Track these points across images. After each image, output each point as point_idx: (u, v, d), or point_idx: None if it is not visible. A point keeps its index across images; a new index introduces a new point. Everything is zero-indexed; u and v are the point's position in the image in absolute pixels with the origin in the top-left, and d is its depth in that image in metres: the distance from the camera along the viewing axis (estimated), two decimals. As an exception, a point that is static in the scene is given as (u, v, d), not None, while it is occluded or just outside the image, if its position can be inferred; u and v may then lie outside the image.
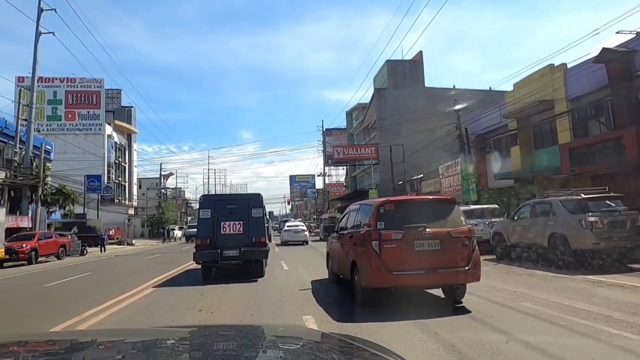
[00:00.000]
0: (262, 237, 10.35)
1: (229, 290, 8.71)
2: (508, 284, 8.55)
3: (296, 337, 1.82)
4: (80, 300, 8.56)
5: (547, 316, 5.69)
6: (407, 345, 4.51)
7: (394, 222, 6.30)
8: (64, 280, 12.30)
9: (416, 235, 6.15)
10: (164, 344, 1.64)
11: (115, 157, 56.93)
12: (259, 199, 10.83)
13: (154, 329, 3.00)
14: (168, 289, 9.48)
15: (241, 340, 1.69)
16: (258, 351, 1.57)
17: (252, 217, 10.34)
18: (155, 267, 15.33)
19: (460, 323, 5.39)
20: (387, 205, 6.59)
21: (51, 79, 53.16)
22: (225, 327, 2.73)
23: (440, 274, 6.13)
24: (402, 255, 6.12)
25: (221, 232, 10.15)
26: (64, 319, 6.66)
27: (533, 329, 5.10)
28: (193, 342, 1.70)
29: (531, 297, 7.02)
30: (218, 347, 1.58)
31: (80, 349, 1.58)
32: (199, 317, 6.33)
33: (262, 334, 1.97)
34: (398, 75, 41.33)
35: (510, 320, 5.54)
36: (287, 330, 2.44)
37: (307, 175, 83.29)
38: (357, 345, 1.58)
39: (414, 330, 5.10)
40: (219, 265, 10.28)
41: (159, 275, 12.03)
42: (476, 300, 6.75)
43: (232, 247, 9.99)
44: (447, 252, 6.18)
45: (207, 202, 10.90)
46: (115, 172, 57.14)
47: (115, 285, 10.49)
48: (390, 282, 6.20)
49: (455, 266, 6.15)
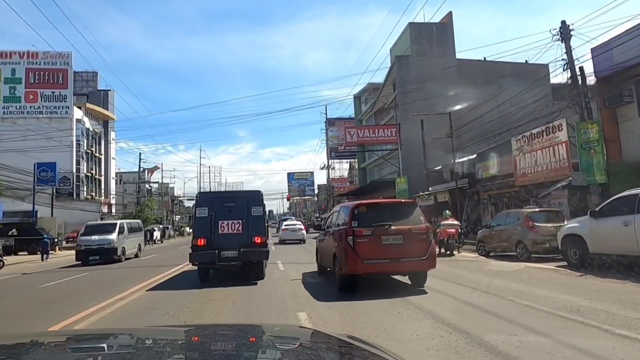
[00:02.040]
0: (263, 237, 9.90)
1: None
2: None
3: (295, 337, 1.85)
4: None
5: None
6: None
7: (366, 221, 7.78)
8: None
9: (383, 231, 7.64)
10: (162, 344, 1.66)
11: (87, 145, 49.16)
12: (259, 196, 10.43)
13: (152, 329, 2.93)
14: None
15: (240, 339, 1.73)
16: (257, 351, 1.59)
17: (251, 215, 9.93)
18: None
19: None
20: (360, 207, 8.13)
21: (9, 53, 45.34)
22: (224, 327, 2.83)
23: (402, 263, 7.67)
24: (372, 248, 7.57)
25: (219, 232, 9.74)
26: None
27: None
28: (191, 342, 1.71)
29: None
30: (217, 347, 1.58)
31: (80, 349, 1.59)
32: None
33: (261, 334, 2.00)
34: (423, 41, 33.75)
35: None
36: (286, 329, 2.47)
37: (306, 172, 79.10)
38: (356, 345, 1.58)
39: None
40: (217, 266, 9.90)
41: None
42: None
43: (231, 247, 9.58)
44: (409, 245, 7.64)
45: (204, 199, 10.42)
46: (87, 164, 49.36)
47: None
48: (362, 269, 7.68)
49: (415, 256, 7.62)
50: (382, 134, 33.26)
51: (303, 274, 10.54)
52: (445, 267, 10.46)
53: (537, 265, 10.85)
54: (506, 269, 10.59)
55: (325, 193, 60.91)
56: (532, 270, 10.18)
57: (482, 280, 8.83)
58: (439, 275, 8.85)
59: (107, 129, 55.46)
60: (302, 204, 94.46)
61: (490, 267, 11.20)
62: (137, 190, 46.41)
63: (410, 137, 32.59)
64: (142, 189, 48.13)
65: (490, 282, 8.55)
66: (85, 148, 48.61)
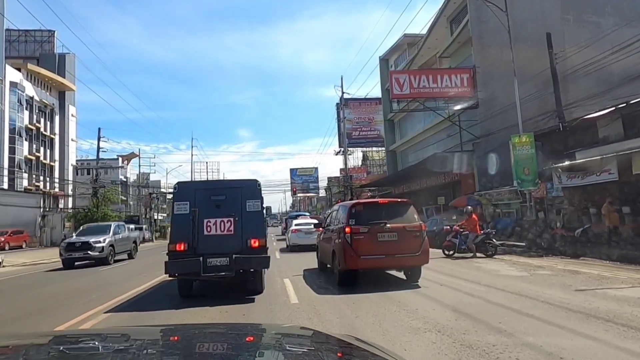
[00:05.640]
0: (261, 239, 7.92)
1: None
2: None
3: (295, 337, 1.84)
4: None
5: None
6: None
7: (363, 219, 8.10)
8: None
9: (379, 229, 7.93)
10: (162, 343, 1.66)
11: (30, 119, 37.25)
12: (255, 186, 8.22)
13: (152, 328, 2.75)
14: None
15: (240, 339, 1.70)
16: (257, 351, 1.57)
17: (246, 211, 7.93)
18: None
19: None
20: (357, 206, 8.56)
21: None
22: (224, 326, 2.73)
23: (397, 258, 7.97)
24: (368, 245, 7.86)
25: (204, 233, 7.78)
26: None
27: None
28: (192, 341, 1.66)
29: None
30: (217, 347, 1.58)
31: (81, 348, 1.56)
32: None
33: (261, 334, 1.97)
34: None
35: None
36: (286, 329, 2.41)
37: (310, 169, 72.14)
38: (356, 346, 1.58)
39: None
40: (202, 278, 7.83)
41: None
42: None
43: (220, 253, 7.61)
44: (403, 241, 7.89)
45: (185, 191, 8.13)
46: (30, 143, 37.46)
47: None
48: (359, 265, 7.93)
49: (409, 252, 7.88)
50: (447, 83, 21.34)
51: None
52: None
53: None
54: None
55: (340, 185, 49.66)
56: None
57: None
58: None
59: (63, 102, 43.54)
60: (307, 201, 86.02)
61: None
62: (93, 179, 34.44)
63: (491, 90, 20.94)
64: (100, 177, 36.07)
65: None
66: (27, 122, 36.73)
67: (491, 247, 11.89)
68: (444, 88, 21.29)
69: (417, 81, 21.30)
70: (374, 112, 51.53)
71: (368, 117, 52.76)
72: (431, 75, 21.56)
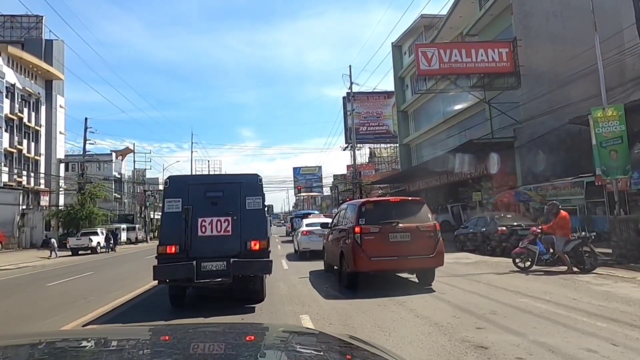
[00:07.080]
0: (263, 241, 7.21)
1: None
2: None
3: (297, 337, 1.81)
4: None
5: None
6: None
7: (373, 218, 7.66)
8: None
9: (390, 229, 7.50)
10: (162, 342, 1.63)
11: (11, 109, 34.16)
12: (256, 182, 7.46)
13: (152, 327, 2.71)
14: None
15: (241, 339, 1.67)
16: (257, 350, 1.55)
17: (246, 209, 7.24)
18: None
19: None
20: (367, 205, 8.10)
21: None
22: (224, 326, 2.67)
23: (410, 260, 7.53)
24: (379, 245, 7.46)
25: (198, 234, 7.08)
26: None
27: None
28: (193, 341, 1.63)
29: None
30: (218, 346, 1.55)
31: (80, 348, 1.52)
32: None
33: (263, 333, 1.94)
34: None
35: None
36: (286, 329, 2.34)
37: (313, 167, 71.29)
38: (356, 345, 1.56)
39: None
40: (196, 284, 7.04)
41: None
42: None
43: (216, 256, 6.94)
44: (416, 242, 7.47)
45: (176, 187, 7.34)
46: (11, 135, 34.37)
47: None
48: (369, 266, 7.55)
49: (423, 254, 7.45)
50: (482, 58, 18.08)
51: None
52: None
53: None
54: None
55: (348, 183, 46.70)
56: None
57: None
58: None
59: (50, 92, 40.42)
60: (311, 200, 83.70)
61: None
62: (80, 174, 31.30)
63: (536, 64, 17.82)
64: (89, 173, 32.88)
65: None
66: (8, 112, 33.64)
67: (588, 257, 8.65)
68: (479, 63, 18.01)
69: (448, 55, 18.04)
70: (382, 106, 48.56)
71: (376, 111, 49.70)
72: (464, 49, 18.29)
